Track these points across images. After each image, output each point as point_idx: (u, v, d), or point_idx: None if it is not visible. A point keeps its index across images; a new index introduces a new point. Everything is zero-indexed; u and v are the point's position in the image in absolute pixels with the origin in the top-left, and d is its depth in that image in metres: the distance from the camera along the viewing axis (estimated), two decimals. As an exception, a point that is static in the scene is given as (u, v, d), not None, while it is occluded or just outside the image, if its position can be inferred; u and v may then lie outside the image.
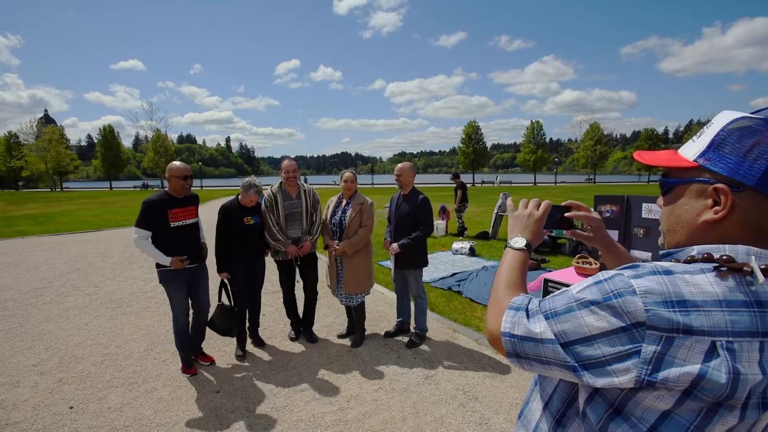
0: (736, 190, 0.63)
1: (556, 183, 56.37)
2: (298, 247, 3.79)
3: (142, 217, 3.11)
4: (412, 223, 3.73)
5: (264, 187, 3.81)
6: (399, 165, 3.85)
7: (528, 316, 0.69)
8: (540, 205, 0.95)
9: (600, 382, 0.62)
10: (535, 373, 0.72)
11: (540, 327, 0.67)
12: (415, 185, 3.89)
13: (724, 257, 0.61)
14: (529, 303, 0.72)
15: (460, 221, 10.63)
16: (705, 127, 0.70)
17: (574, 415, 0.74)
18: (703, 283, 0.59)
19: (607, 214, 3.92)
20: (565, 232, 1.00)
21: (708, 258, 0.62)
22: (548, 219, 0.95)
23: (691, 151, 0.70)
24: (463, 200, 10.54)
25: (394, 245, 3.72)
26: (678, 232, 0.72)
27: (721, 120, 0.67)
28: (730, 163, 0.64)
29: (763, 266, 0.58)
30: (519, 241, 0.90)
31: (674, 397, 0.58)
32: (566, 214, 0.97)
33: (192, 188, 3.36)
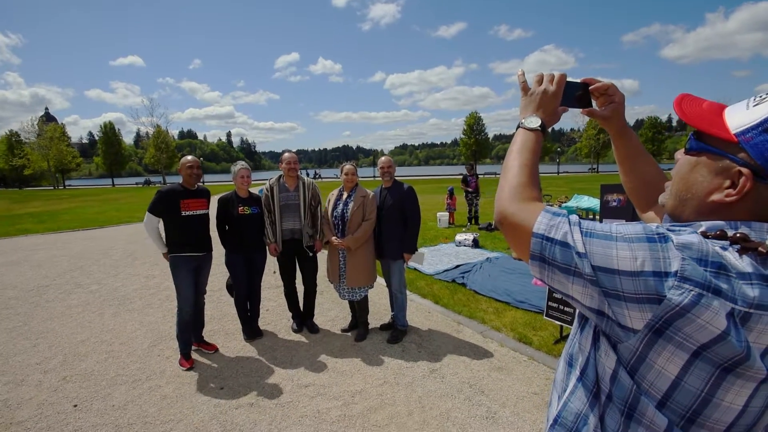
0: (761, 180, 0.59)
1: (558, 173, 56.04)
2: (310, 246, 3.90)
3: (153, 205, 3.33)
4: (400, 214, 3.74)
5: (263, 181, 3.82)
6: (384, 158, 3.87)
7: (570, 224, 0.66)
8: (554, 79, 0.86)
9: (614, 309, 0.61)
10: (549, 283, 0.68)
11: (578, 236, 0.64)
12: (396, 178, 3.92)
13: (738, 235, 0.59)
14: (568, 214, 0.68)
15: (475, 209, 10.68)
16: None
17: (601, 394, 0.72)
18: (730, 257, 0.58)
19: (614, 204, 3.85)
20: (581, 111, 0.92)
21: (722, 235, 0.61)
22: (565, 96, 0.87)
23: (739, 119, 0.62)
24: (476, 190, 10.60)
25: (410, 255, 3.75)
26: (683, 205, 0.69)
27: None
28: None
29: None
30: (533, 121, 0.83)
31: (683, 358, 0.58)
32: (590, 87, 0.89)
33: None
